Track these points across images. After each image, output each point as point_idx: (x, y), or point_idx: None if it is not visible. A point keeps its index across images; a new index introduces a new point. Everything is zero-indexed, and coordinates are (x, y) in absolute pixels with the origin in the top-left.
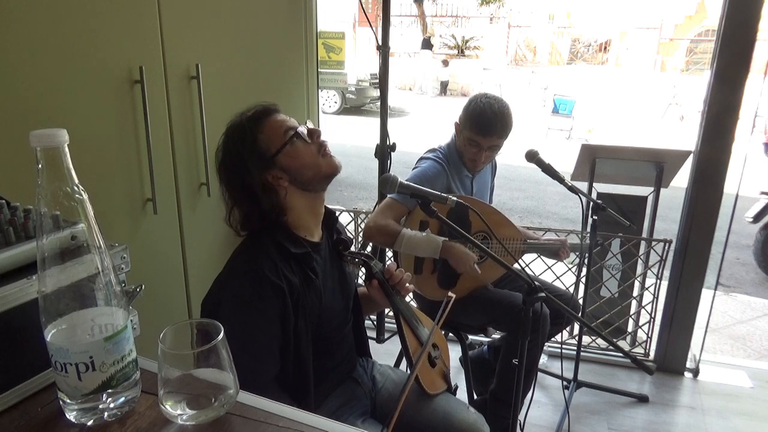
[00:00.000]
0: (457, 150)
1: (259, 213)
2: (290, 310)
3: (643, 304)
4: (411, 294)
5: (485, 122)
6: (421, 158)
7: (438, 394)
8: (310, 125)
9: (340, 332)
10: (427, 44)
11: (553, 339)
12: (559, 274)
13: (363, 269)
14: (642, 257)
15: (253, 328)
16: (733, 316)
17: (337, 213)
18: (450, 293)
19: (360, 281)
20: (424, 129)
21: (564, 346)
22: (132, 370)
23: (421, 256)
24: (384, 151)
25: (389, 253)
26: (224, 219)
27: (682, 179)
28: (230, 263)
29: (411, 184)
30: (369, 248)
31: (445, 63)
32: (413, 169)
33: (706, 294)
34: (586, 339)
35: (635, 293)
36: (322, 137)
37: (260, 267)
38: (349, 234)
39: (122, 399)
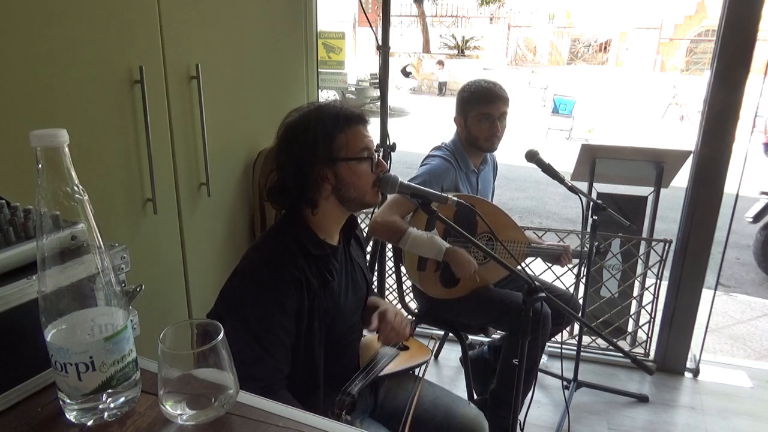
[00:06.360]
0: (462, 146)
1: (296, 192)
2: (306, 308)
3: (643, 304)
4: (411, 293)
5: (488, 92)
6: (429, 155)
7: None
8: (381, 157)
9: (348, 338)
10: (404, 72)
11: (553, 339)
12: (560, 274)
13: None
14: (642, 257)
15: (270, 320)
16: (733, 316)
17: None
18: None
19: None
20: (424, 129)
21: (564, 346)
22: (132, 370)
23: (425, 256)
24: (384, 151)
25: (389, 253)
26: (261, 180)
27: (682, 179)
28: (252, 255)
29: (411, 184)
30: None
31: (441, 64)
32: (421, 165)
33: (706, 294)
34: (586, 339)
35: (635, 293)
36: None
37: (282, 261)
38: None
39: (122, 399)
